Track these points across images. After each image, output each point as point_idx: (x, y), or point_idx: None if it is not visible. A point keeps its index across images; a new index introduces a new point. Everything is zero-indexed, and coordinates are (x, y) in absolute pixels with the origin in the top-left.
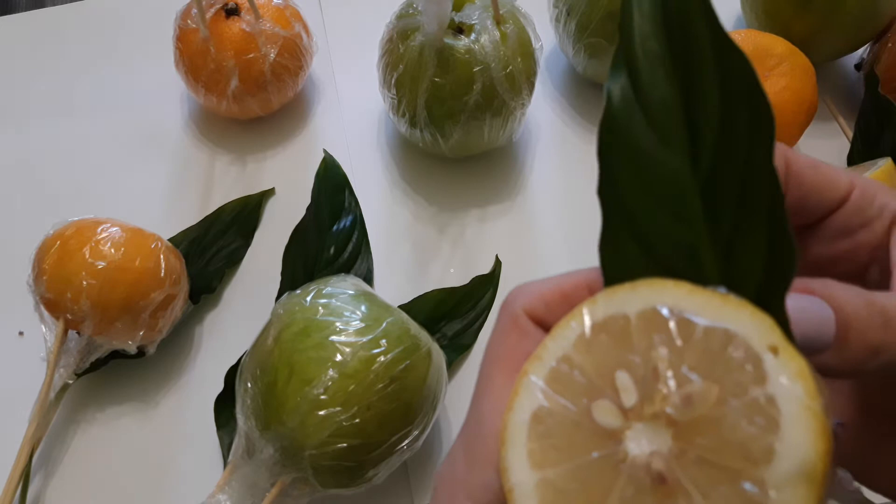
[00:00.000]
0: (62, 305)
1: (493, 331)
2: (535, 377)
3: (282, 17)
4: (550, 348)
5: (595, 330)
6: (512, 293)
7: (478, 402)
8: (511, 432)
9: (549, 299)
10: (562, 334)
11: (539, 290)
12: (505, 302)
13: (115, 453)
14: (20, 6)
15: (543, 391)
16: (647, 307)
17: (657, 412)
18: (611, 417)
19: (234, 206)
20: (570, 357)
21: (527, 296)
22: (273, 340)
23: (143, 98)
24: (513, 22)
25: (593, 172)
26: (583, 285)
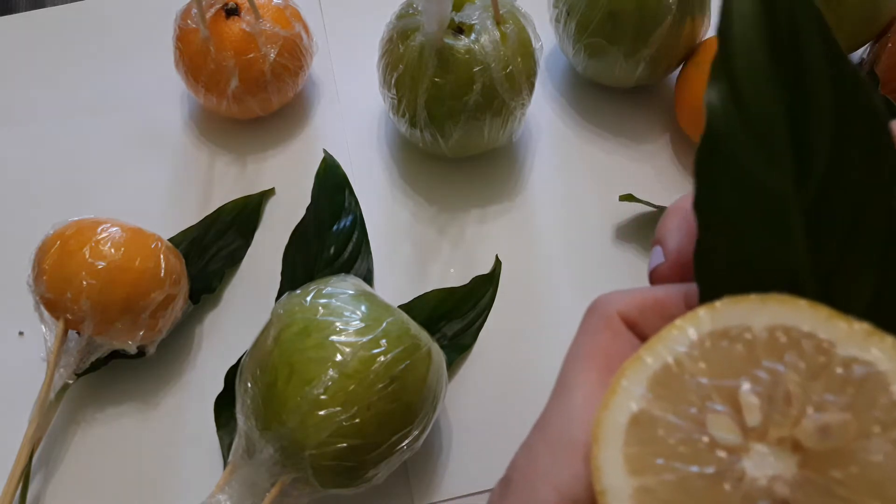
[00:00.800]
0: (62, 305)
1: (581, 330)
2: (637, 377)
3: (282, 17)
4: (657, 350)
5: (714, 337)
6: (601, 297)
7: (566, 396)
8: (605, 432)
9: (644, 305)
10: (672, 337)
11: (632, 296)
12: (594, 305)
13: (115, 453)
14: (20, 6)
15: (646, 395)
16: (778, 323)
17: (784, 436)
18: (729, 433)
19: (234, 206)
20: (682, 362)
21: (619, 299)
22: (273, 340)
23: (143, 98)
24: (513, 22)
25: (593, 172)
26: (679, 297)
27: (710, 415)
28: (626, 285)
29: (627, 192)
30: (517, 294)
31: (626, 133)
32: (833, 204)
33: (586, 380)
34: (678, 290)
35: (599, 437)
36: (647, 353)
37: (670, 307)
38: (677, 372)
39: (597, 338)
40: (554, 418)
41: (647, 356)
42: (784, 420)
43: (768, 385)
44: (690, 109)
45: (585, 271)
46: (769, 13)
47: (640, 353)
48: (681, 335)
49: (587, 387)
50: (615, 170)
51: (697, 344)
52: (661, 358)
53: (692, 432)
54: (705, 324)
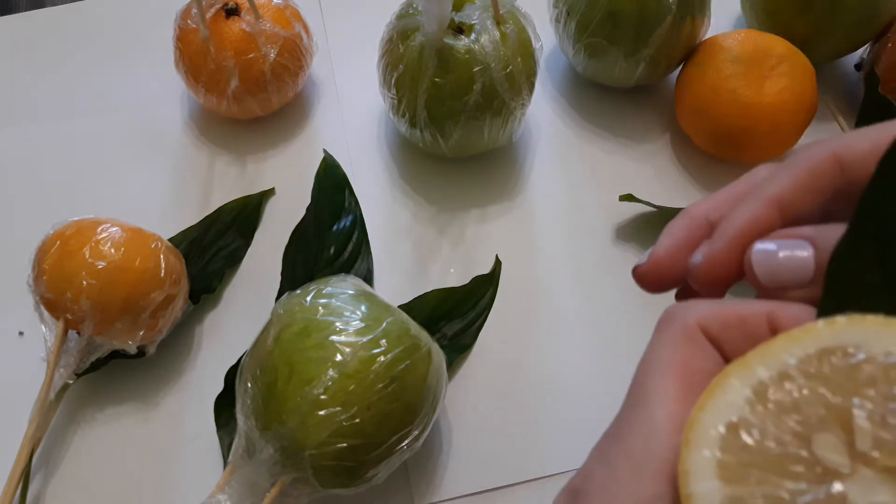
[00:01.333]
0: (62, 305)
1: (657, 340)
2: (741, 384)
3: (282, 17)
4: (767, 358)
5: (829, 353)
6: (678, 307)
7: (646, 409)
8: (699, 434)
9: (725, 320)
10: (783, 348)
11: (714, 308)
12: (670, 314)
13: (115, 453)
14: (20, 6)
15: (749, 401)
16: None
17: (894, 466)
18: (836, 455)
19: (234, 206)
20: (792, 374)
21: (699, 310)
22: (273, 340)
23: (143, 98)
24: (513, 22)
25: (593, 172)
26: (762, 314)
27: (817, 433)
28: (626, 285)
29: (627, 192)
30: (517, 294)
31: (626, 133)
32: None
33: (667, 393)
34: (762, 309)
35: (692, 439)
36: (754, 359)
37: (753, 326)
38: (787, 384)
39: (677, 350)
40: (634, 432)
41: (755, 363)
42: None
43: (884, 411)
44: (690, 109)
45: (585, 271)
46: None
47: (748, 358)
48: (794, 346)
49: (669, 401)
50: (615, 170)
51: (811, 358)
52: (770, 367)
53: (795, 448)
54: (823, 339)
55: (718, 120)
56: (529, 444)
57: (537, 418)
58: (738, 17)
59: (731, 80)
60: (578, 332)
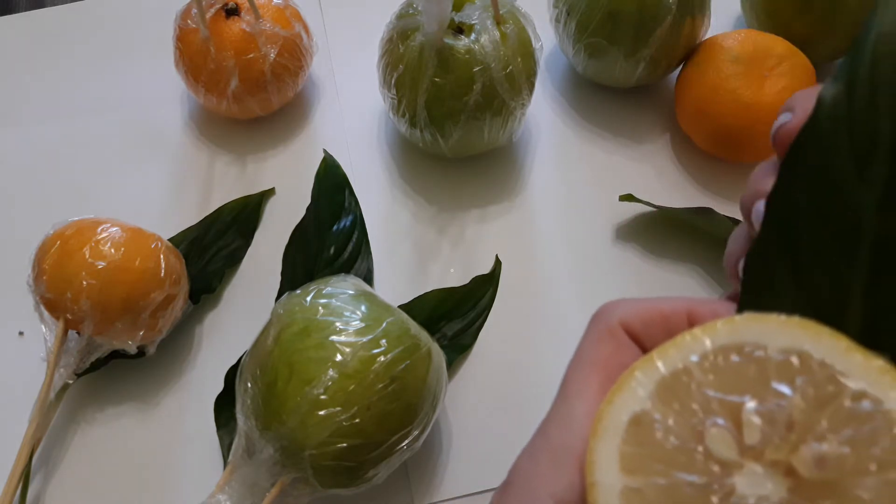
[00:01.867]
0: (62, 305)
1: (585, 338)
2: (645, 379)
3: (282, 17)
4: (670, 355)
5: (728, 351)
6: (606, 306)
7: (568, 403)
8: (605, 427)
9: (647, 318)
10: (685, 344)
11: (636, 307)
12: (598, 313)
13: (115, 453)
14: (20, 6)
15: (651, 396)
16: (794, 347)
17: (779, 460)
18: (726, 448)
19: (234, 206)
20: (691, 370)
21: (624, 310)
22: (273, 340)
23: (143, 98)
24: (513, 22)
25: (593, 172)
26: (682, 311)
27: (710, 428)
28: (626, 285)
29: (627, 192)
30: (517, 294)
31: (626, 133)
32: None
33: (587, 389)
34: (683, 306)
35: (599, 430)
36: (658, 356)
37: (674, 323)
38: (685, 380)
39: (600, 347)
40: (555, 425)
41: (659, 359)
42: (782, 444)
43: (773, 407)
44: (690, 109)
45: (585, 271)
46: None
47: (653, 355)
48: (695, 344)
49: (588, 397)
50: (615, 170)
51: (710, 355)
52: (672, 363)
53: (690, 441)
54: (721, 336)
55: (718, 120)
56: None
57: (537, 418)
58: (738, 17)
59: (731, 80)
60: (578, 332)
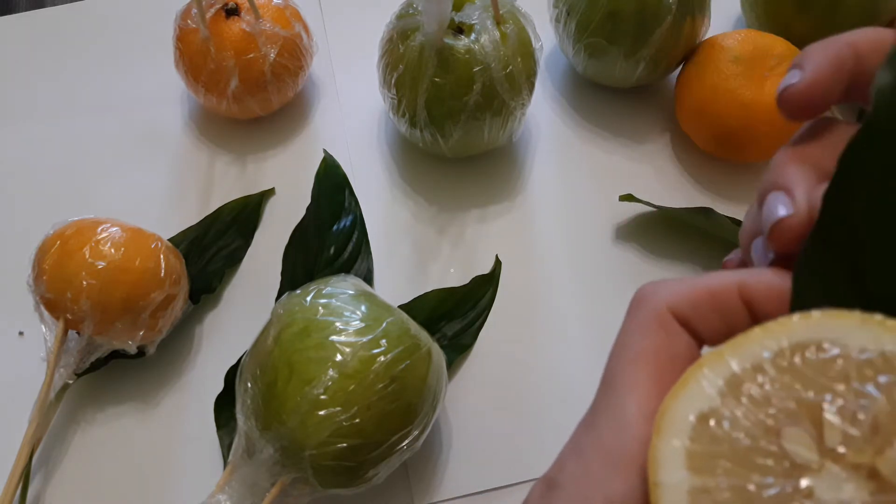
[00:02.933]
0: (62, 305)
1: (630, 326)
2: (714, 374)
3: (282, 17)
4: (741, 350)
5: (804, 347)
6: (648, 289)
7: (617, 400)
8: (670, 424)
9: (695, 299)
10: (760, 340)
11: (683, 289)
12: (641, 298)
13: (115, 453)
14: (20, 6)
15: (721, 392)
16: (876, 347)
17: (862, 463)
18: (805, 450)
19: (234, 206)
20: (764, 367)
21: (669, 293)
22: (273, 340)
23: (143, 98)
24: (513, 22)
25: (593, 172)
26: (732, 287)
27: (787, 427)
28: (626, 285)
29: (627, 192)
30: (517, 294)
31: (626, 133)
32: None
33: (638, 383)
34: (731, 280)
35: (662, 428)
36: (729, 351)
37: (725, 300)
38: (758, 377)
39: (648, 338)
40: (606, 423)
41: (729, 355)
42: (866, 446)
43: (856, 408)
44: (690, 109)
45: (585, 271)
46: None
47: (722, 349)
48: (768, 339)
49: (640, 392)
50: (615, 170)
51: (785, 352)
52: (744, 359)
53: (764, 441)
54: (798, 333)
55: (718, 120)
56: (529, 444)
57: (537, 418)
58: (738, 17)
59: (731, 80)
60: (578, 331)
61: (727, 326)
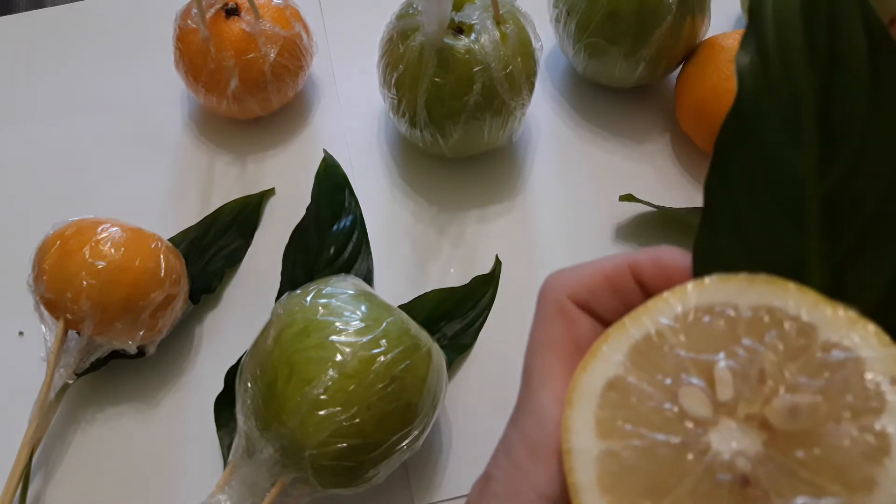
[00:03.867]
0: (62, 305)
1: (536, 320)
2: (618, 344)
3: (282, 17)
4: (641, 321)
5: (699, 312)
6: (549, 281)
7: (534, 392)
8: (580, 394)
9: (593, 284)
10: (658, 309)
11: (579, 275)
12: (544, 290)
13: (115, 453)
14: (20, 6)
15: (624, 362)
16: (763, 304)
17: (753, 413)
18: (700, 406)
19: (234, 206)
20: (664, 333)
21: (568, 282)
22: (273, 340)
23: (143, 98)
24: (513, 22)
25: (593, 172)
26: (624, 267)
27: (683, 387)
28: None
29: (627, 192)
30: (517, 294)
31: (626, 133)
32: (856, 191)
33: (550, 373)
34: (623, 262)
35: (573, 399)
36: (630, 321)
37: (619, 281)
38: (658, 343)
39: (553, 328)
40: (526, 417)
41: (631, 325)
42: (755, 398)
43: (744, 363)
44: (690, 109)
45: None
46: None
47: (624, 321)
48: (666, 307)
49: (553, 381)
50: (615, 170)
51: (681, 317)
52: (644, 328)
53: (664, 402)
54: (692, 299)
55: (718, 120)
56: None
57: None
58: (738, 17)
59: (731, 80)
60: None
61: (624, 305)
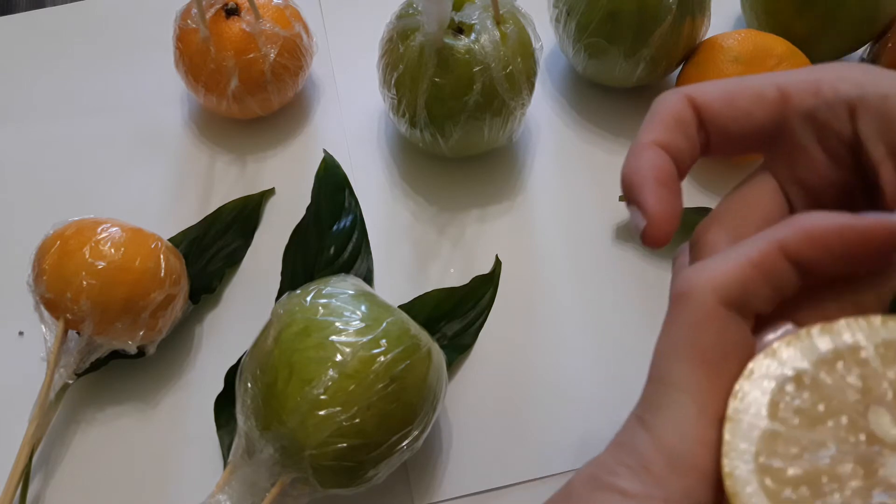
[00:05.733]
0: (62, 305)
1: (679, 321)
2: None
3: (282, 17)
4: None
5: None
6: (691, 280)
7: (674, 400)
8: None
9: (744, 279)
10: (860, 328)
11: (726, 271)
12: (684, 291)
13: (115, 453)
14: (20, 6)
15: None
16: None
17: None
18: (888, 426)
19: (234, 206)
20: (867, 350)
21: (717, 280)
22: (273, 340)
23: (143, 98)
24: (513, 22)
25: (593, 172)
26: (774, 251)
27: (874, 405)
28: (626, 285)
29: None
30: (517, 294)
31: (626, 133)
32: None
33: (696, 383)
34: (770, 244)
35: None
36: (818, 331)
37: (770, 267)
38: (858, 357)
39: (702, 335)
40: (664, 424)
41: (817, 336)
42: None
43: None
44: None
45: (585, 271)
46: None
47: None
48: (871, 330)
49: (699, 393)
50: (615, 170)
51: (885, 345)
52: (842, 341)
53: (851, 413)
54: (885, 332)
55: None
56: (529, 444)
57: (537, 418)
58: (738, 17)
59: None
60: (578, 331)
61: (778, 293)
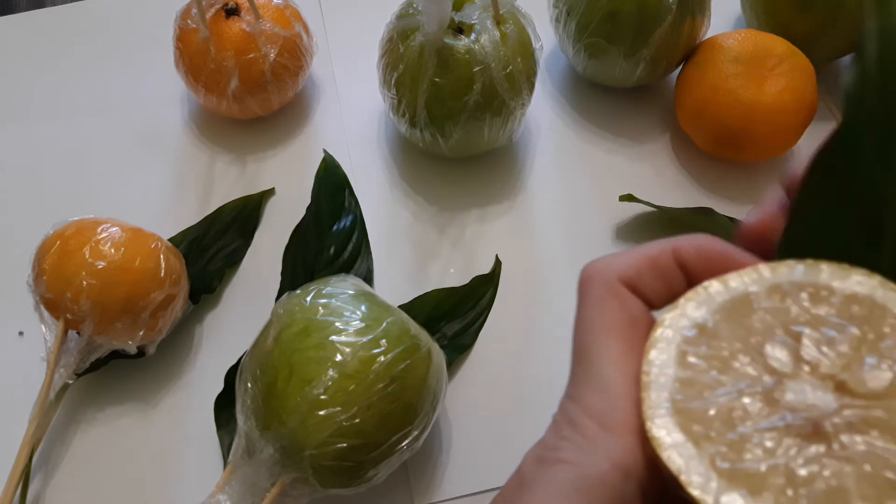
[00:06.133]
0: (62, 305)
1: (586, 301)
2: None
3: (282, 17)
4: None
5: (794, 287)
6: (596, 265)
7: (595, 368)
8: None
9: (639, 266)
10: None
11: (625, 259)
12: (589, 274)
13: (115, 453)
14: (20, 6)
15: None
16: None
17: (832, 374)
18: (782, 357)
19: (234, 206)
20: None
21: (615, 266)
22: (273, 340)
23: (143, 98)
24: (513, 22)
25: (593, 172)
26: (668, 252)
27: (770, 341)
28: None
29: (627, 192)
30: (517, 294)
31: (626, 133)
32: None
33: (609, 350)
34: (667, 246)
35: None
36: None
37: (663, 264)
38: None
39: (608, 307)
40: (590, 392)
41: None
42: (837, 360)
43: (834, 335)
44: (690, 109)
45: None
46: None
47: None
48: (760, 277)
49: (613, 357)
50: (615, 170)
51: (776, 287)
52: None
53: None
54: (785, 274)
55: (718, 120)
56: (529, 443)
57: (537, 418)
58: (738, 17)
59: (731, 80)
60: None
61: (668, 287)
